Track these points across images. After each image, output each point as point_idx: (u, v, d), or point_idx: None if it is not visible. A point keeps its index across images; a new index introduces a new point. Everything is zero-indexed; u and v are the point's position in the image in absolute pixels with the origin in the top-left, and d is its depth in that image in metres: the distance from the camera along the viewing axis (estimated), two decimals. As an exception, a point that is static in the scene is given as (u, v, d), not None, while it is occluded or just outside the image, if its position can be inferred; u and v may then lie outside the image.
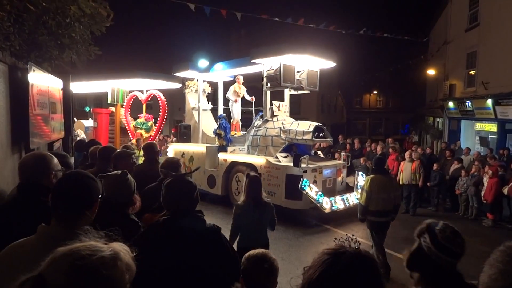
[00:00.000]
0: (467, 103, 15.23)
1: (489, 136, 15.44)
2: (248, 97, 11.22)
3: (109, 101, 12.89)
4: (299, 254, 6.72)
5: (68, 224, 1.63)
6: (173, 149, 11.64)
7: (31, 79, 4.48)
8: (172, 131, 23.13)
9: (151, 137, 12.72)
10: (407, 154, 10.44)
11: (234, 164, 9.90)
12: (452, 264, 1.78)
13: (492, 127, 14.84)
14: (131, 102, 13.47)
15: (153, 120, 13.20)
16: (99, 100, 26.88)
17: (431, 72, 21.24)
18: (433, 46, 21.18)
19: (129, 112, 13.47)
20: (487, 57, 14.12)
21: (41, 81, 5.07)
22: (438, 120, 21.10)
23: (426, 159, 11.13)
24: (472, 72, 15.56)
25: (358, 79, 29.22)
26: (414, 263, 1.87)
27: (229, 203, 9.56)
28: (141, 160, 8.51)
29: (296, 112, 11.16)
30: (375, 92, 41.26)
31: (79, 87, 13.58)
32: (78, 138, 12.78)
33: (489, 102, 13.43)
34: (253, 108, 11.32)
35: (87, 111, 18.96)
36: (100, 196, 1.85)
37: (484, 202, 9.10)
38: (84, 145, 6.71)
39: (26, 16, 4.56)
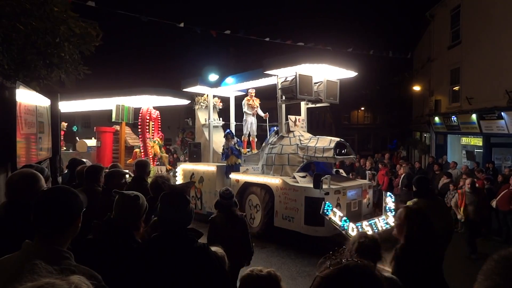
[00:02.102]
0: (452, 118, 15.55)
1: (475, 150, 15.71)
2: (261, 113, 10.61)
3: (113, 119, 12.26)
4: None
5: (50, 240, 1.61)
6: (182, 169, 10.93)
7: (19, 99, 4.44)
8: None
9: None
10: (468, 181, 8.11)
11: (247, 185, 8.97)
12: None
13: (478, 141, 15.13)
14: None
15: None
16: (87, 119, 26.68)
17: (416, 88, 21.70)
18: (417, 63, 21.72)
19: (159, 130, 12.83)
20: (470, 73, 14.52)
21: (29, 101, 5.03)
22: (425, 135, 21.44)
23: (414, 173, 11.23)
24: (456, 88, 15.94)
25: (346, 96, 29.63)
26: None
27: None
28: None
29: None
30: (362, 108, 41.86)
31: (67, 106, 13.38)
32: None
33: (474, 116, 13.73)
34: (267, 124, 10.60)
35: (75, 130, 18.75)
36: (83, 210, 1.80)
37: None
38: (74, 164, 6.60)
39: (15, 35, 4.56)
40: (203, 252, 2.26)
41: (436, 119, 17.40)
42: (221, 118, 11.68)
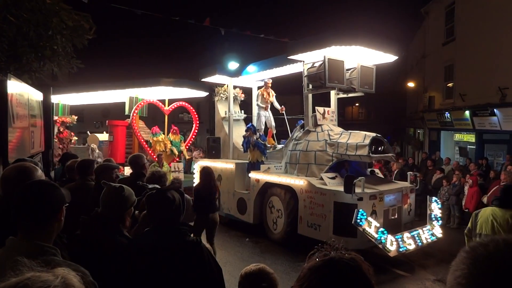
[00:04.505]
0: (446, 115, 15.64)
1: (468, 146, 15.86)
2: (277, 106, 9.79)
3: (126, 112, 11.83)
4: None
5: (31, 235, 1.60)
6: (200, 166, 9.82)
7: (10, 91, 4.38)
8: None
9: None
10: None
11: (268, 185, 7.98)
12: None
13: (471, 138, 15.26)
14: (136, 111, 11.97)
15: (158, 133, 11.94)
16: (80, 113, 26.43)
17: (410, 84, 21.78)
18: (412, 59, 21.77)
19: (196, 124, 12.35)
20: (464, 70, 14.60)
21: (21, 93, 4.96)
22: (418, 131, 21.56)
23: (408, 169, 11.31)
24: (450, 85, 16.03)
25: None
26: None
27: (263, 234, 8.12)
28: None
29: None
30: (357, 104, 41.99)
31: (77, 99, 13.23)
32: (95, 153, 12.07)
33: (467, 113, 13.83)
34: (285, 117, 9.75)
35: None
36: (66, 204, 1.78)
37: (466, 210, 9.27)
38: (67, 158, 6.55)
39: (6, 27, 4.49)
40: (196, 246, 2.26)
41: (430, 115, 17.49)
42: (242, 111, 10.80)
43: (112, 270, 2.14)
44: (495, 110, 12.28)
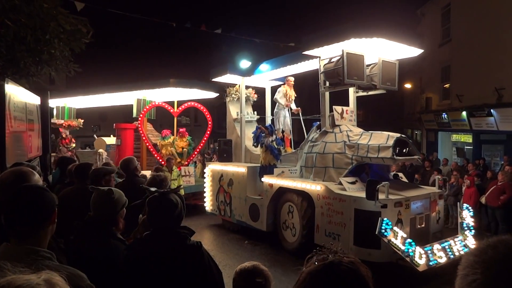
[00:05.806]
0: (443, 115, 15.70)
1: (465, 147, 15.92)
2: (294, 107, 9.34)
3: (134, 115, 11.66)
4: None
5: (24, 240, 1.59)
6: (211, 169, 9.71)
7: (8, 96, 4.37)
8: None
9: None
10: None
11: (282, 190, 7.51)
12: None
13: (468, 138, 15.32)
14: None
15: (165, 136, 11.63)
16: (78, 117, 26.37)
17: (407, 85, 21.84)
18: (408, 61, 21.83)
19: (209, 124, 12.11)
20: (460, 71, 14.67)
21: (18, 97, 4.96)
22: (416, 132, 21.64)
23: (407, 170, 11.35)
24: (447, 86, 16.10)
25: (339, 93, 29.67)
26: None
27: (276, 244, 7.65)
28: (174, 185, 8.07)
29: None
30: (354, 105, 42.05)
31: (84, 101, 13.22)
32: (103, 158, 11.78)
33: (464, 114, 13.89)
34: (301, 118, 9.29)
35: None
36: (56, 208, 1.76)
37: (463, 211, 9.30)
38: (64, 162, 6.52)
39: (4, 31, 4.49)
40: (196, 250, 2.26)
41: (427, 116, 17.56)
42: (255, 112, 10.34)
43: (111, 274, 2.14)
44: (491, 110, 12.34)
